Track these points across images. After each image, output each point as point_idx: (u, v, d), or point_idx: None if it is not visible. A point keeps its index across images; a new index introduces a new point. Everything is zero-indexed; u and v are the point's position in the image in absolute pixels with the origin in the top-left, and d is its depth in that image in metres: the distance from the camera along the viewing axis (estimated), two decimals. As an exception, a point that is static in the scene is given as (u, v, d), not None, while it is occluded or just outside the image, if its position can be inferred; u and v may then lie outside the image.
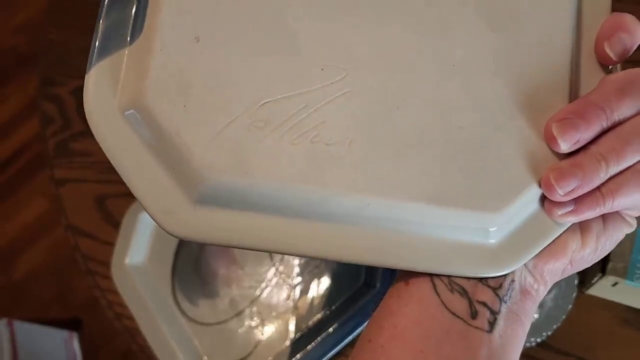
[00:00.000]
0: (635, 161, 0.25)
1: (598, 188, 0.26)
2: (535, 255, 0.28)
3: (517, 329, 0.28)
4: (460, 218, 0.27)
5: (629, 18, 0.26)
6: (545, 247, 0.28)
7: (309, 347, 0.51)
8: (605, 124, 0.25)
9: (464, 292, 0.28)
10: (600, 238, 0.28)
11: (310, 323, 0.53)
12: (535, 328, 0.45)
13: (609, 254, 0.46)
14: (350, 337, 0.51)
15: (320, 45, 0.28)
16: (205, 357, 0.53)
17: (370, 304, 0.52)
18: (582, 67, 0.29)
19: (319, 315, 0.53)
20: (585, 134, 0.25)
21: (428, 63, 0.28)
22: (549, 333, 0.45)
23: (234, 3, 0.29)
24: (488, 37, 0.29)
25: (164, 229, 0.27)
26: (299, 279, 0.55)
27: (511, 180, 0.27)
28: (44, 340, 1.10)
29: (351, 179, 0.27)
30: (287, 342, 0.52)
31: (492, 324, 0.27)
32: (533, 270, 0.29)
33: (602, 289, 0.48)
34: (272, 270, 0.55)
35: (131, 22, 0.29)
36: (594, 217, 0.27)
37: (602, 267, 0.46)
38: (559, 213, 0.26)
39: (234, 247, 0.27)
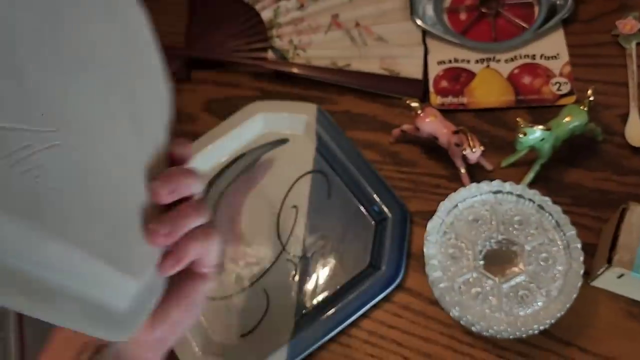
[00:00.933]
0: (200, 223, 0.34)
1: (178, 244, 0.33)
2: (142, 326, 0.32)
3: None
4: (105, 273, 0.29)
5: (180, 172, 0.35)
6: (151, 318, 0.33)
7: (311, 326, 0.51)
8: (183, 194, 0.34)
9: None
10: (189, 298, 0.36)
11: (315, 302, 0.53)
12: (538, 316, 0.45)
13: (615, 246, 0.46)
14: (352, 318, 0.51)
15: (44, 89, 0.27)
16: (210, 331, 0.53)
17: (374, 286, 0.52)
18: None
19: (323, 295, 0.53)
20: (173, 186, 0.33)
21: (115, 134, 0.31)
22: (552, 321, 0.45)
23: None
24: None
25: None
26: (305, 258, 0.55)
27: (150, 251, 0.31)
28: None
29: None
30: (291, 321, 0.53)
31: None
32: (139, 340, 0.35)
33: (608, 280, 0.48)
34: (279, 249, 0.56)
35: None
36: (177, 267, 0.33)
37: (608, 258, 0.46)
38: (162, 267, 0.33)
39: None
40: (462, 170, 0.55)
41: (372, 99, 0.63)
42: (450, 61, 0.63)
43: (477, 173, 0.57)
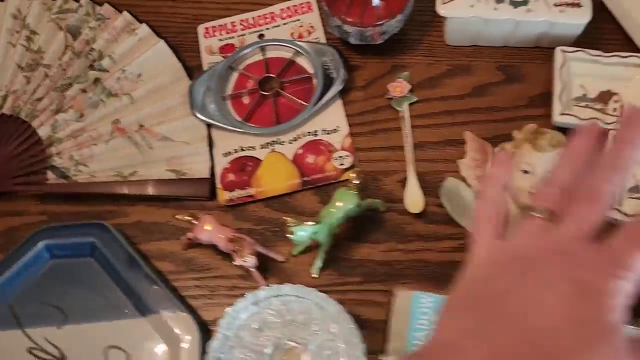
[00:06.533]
0: None
1: None
2: None
3: None
4: None
5: None
6: None
7: None
8: None
9: None
10: None
11: None
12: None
13: (388, 333, 0.47)
14: None
15: None
16: None
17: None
18: None
19: None
20: None
21: None
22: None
23: None
24: None
25: None
26: None
27: None
28: None
29: None
30: None
31: None
32: None
33: (393, 363, 0.49)
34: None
35: None
36: None
37: (382, 348, 0.47)
38: None
39: None
40: (252, 270, 0.55)
41: (163, 205, 0.61)
42: (236, 151, 0.63)
43: (271, 266, 0.57)
